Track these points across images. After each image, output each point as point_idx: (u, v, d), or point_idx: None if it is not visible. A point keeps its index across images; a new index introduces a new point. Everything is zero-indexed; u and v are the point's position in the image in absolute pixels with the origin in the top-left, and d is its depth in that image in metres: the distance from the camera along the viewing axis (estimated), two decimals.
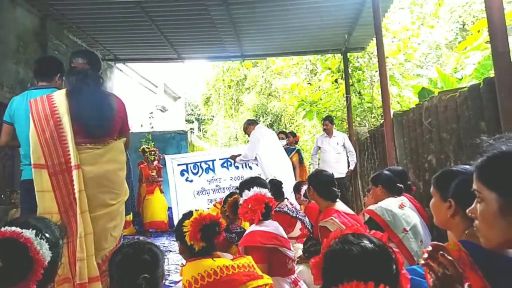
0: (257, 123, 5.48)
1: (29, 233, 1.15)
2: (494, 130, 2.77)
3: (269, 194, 2.39)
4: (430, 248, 1.12)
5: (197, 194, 6.82)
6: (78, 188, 2.08)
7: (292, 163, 6.25)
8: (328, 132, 6.40)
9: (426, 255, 1.11)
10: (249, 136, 5.36)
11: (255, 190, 2.34)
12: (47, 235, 1.21)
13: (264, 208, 2.29)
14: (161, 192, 6.87)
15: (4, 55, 4.68)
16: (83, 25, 5.75)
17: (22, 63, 4.95)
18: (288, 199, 3.60)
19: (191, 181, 6.86)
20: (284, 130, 12.25)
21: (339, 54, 7.20)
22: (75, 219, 2.06)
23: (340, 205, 2.91)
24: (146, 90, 10.20)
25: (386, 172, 3.22)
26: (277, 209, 3.33)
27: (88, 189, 2.13)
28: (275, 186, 3.43)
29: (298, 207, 3.71)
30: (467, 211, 1.03)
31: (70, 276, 2.02)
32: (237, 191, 2.99)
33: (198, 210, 1.83)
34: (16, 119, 2.42)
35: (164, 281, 1.55)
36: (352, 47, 6.74)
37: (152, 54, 7.26)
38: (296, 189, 4.09)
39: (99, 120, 2.25)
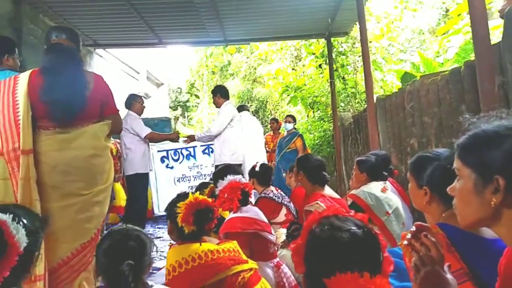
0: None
1: (5, 217, 1.13)
2: (475, 113, 2.81)
3: (244, 180, 2.39)
4: (413, 228, 1.13)
5: (177, 181, 6.77)
6: (22, 175, 1.94)
7: (296, 148, 6.13)
8: None
9: (409, 235, 1.12)
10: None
11: (229, 178, 2.32)
12: (24, 221, 1.18)
13: (241, 195, 2.29)
14: None
15: None
16: (59, 9, 5.54)
17: None
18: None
19: (172, 167, 6.80)
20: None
21: (323, 39, 7.17)
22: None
23: (327, 190, 2.93)
24: (128, 77, 9.99)
25: (372, 158, 3.23)
26: (263, 194, 3.33)
27: (53, 177, 2.03)
28: (264, 171, 3.42)
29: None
30: (448, 189, 1.04)
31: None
32: (211, 181, 2.98)
33: (194, 194, 1.81)
34: None
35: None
36: (336, 31, 6.70)
37: (132, 39, 7.07)
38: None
39: (69, 103, 2.09)
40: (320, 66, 7.96)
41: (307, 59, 8.47)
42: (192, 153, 7.01)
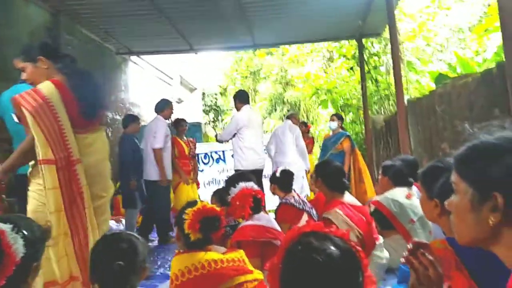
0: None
1: (5, 227, 1.16)
2: (509, 118, 2.63)
3: (256, 187, 2.35)
4: (410, 245, 1.06)
5: (207, 184, 6.82)
6: (83, 182, 2.01)
7: (343, 149, 5.53)
8: None
9: (406, 253, 1.06)
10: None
11: (241, 185, 2.30)
12: (24, 232, 1.21)
13: (253, 202, 2.26)
14: None
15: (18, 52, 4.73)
16: (95, 19, 5.78)
17: None
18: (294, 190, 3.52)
19: (202, 171, 6.85)
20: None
21: (354, 41, 7.02)
22: (79, 215, 1.99)
23: (347, 197, 2.85)
24: (162, 82, 10.24)
25: (398, 163, 3.12)
26: (284, 200, 3.29)
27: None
28: (285, 177, 3.36)
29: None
30: (445, 204, 0.96)
31: (79, 274, 1.96)
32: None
33: (203, 201, 1.82)
34: (5, 113, 2.32)
35: (151, 274, 1.55)
36: (367, 33, 6.55)
37: (165, 46, 7.26)
38: None
39: (96, 99, 2.15)
40: (351, 68, 7.79)
41: (339, 61, 8.33)
42: (222, 157, 7.07)
